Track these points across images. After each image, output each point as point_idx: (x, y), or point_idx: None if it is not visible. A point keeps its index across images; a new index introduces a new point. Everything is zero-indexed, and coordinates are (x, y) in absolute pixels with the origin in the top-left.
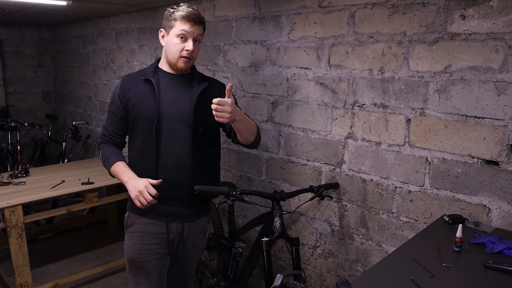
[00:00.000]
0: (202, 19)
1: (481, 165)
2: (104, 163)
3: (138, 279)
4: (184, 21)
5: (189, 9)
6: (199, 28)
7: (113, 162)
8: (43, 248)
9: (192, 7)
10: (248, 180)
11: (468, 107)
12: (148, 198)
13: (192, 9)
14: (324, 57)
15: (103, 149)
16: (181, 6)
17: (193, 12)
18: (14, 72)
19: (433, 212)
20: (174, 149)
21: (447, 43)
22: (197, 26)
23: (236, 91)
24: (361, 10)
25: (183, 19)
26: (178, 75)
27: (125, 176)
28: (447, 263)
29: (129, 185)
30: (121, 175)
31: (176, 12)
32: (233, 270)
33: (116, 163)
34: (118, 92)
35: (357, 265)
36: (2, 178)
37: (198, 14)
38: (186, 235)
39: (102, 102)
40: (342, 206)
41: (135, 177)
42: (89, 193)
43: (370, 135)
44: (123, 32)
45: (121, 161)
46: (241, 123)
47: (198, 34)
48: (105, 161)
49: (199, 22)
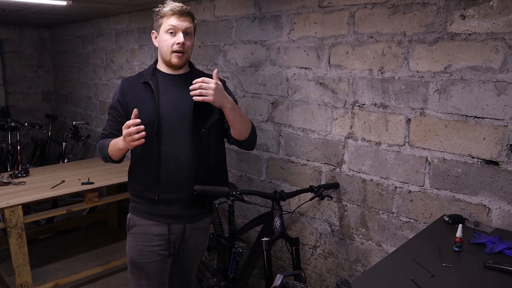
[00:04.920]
0: (187, 11)
1: (481, 165)
2: (102, 153)
3: (140, 280)
4: (170, 16)
5: (173, 4)
6: (187, 19)
7: (107, 145)
8: (43, 248)
9: (177, 1)
10: (248, 180)
11: (468, 107)
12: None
13: (176, 3)
14: (324, 57)
15: (98, 144)
16: (165, 2)
17: (177, 5)
18: (14, 72)
19: (433, 212)
20: (175, 151)
21: (447, 43)
22: (183, 17)
23: (236, 91)
24: (361, 10)
25: (168, 14)
26: (177, 75)
27: (119, 143)
28: (447, 263)
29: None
30: (116, 146)
31: (161, 9)
32: (233, 270)
33: (110, 143)
34: (117, 96)
35: (357, 265)
36: (2, 178)
37: (182, 6)
38: (188, 236)
39: (102, 102)
40: (342, 206)
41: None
42: (89, 193)
43: (370, 135)
44: (123, 32)
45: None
46: (233, 112)
47: (186, 26)
48: (102, 150)
49: (185, 14)
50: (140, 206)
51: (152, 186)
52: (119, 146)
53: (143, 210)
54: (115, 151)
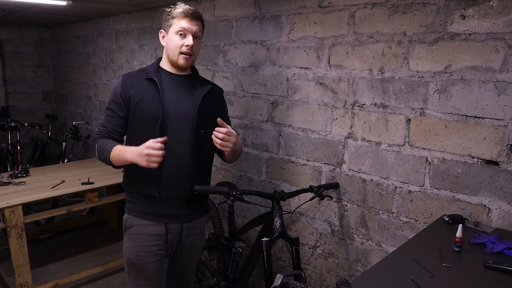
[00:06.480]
0: (199, 15)
1: (481, 165)
2: (101, 155)
3: (137, 281)
4: (181, 18)
5: (185, 6)
6: (197, 24)
7: (110, 149)
8: (43, 248)
9: (189, 4)
10: (248, 180)
11: (468, 107)
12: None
13: (188, 6)
14: (324, 57)
15: (98, 143)
16: (177, 4)
17: (189, 8)
18: (14, 72)
19: (433, 212)
20: (175, 149)
21: (447, 43)
22: (195, 21)
23: (236, 91)
24: (361, 10)
25: (180, 16)
26: (180, 75)
27: (126, 155)
28: (447, 263)
29: (134, 158)
30: (122, 156)
31: (173, 10)
32: (233, 270)
33: (114, 148)
34: (119, 90)
35: (357, 265)
36: (2, 178)
37: (195, 10)
38: (185, 236)
39: (102, 102)
40: (342, 206)
41: (134, 148)
42: (89, 193)
43: (370, 135)
44: (123, 32)
45: (118, 145)
46: (236, 151)
47: (196, 30)
48: (102, 152)
49: (196, 18)
50: (137, 206)
51: (152, 182)
52: (126, 158)
53: (139, 210)
54: (120, 160)
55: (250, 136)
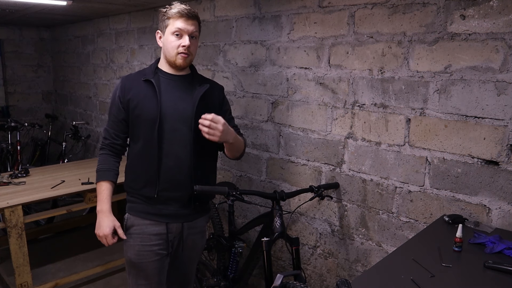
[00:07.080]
0: (195, 14)
1: (481, 165)
2: (97, 168)
3: (138, 281)
4: (177, 18)
5: (181, 6)
6: (193, 23)
7: (99, 180)
8: (43, 248)
9: (185, 4)
10: (248, 180)
11: (468, 107)
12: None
13: (184, 6)
14: (324, 57)
15: (100, 159)
16: (173, 4)
17: (185, 8)
18: (14, 72)
19: (433, 212)
20: (175, 149)
21: (447, 43)
22: (190, 21)
23: (236, 91)
24: (361, 10)
25: (176, 17)
26: (179, 76)
27: (100, 205)
28: (447, 263)
29: (98, 218)
30: (98, 200)
31: (169, 10)
32: (233, 270)
33: (100, 183)
34: (118, 93)
35: (357, 265)
36: (2, 178)
37: (190, 10)
38: (186, 235)
39: (102, 102)
40: (342, 206)
41: (107, 211)
42: (89, 193)
43: (370, 135)
44: (123, 32)
45: (106, 182)
46: (233, 144)
47: (193, 30)
48: (97, 173)
49: (192, 17)
50: (137, 206)
51: (151, 183)
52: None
53: (140, 209)
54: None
55: (250, 136)
